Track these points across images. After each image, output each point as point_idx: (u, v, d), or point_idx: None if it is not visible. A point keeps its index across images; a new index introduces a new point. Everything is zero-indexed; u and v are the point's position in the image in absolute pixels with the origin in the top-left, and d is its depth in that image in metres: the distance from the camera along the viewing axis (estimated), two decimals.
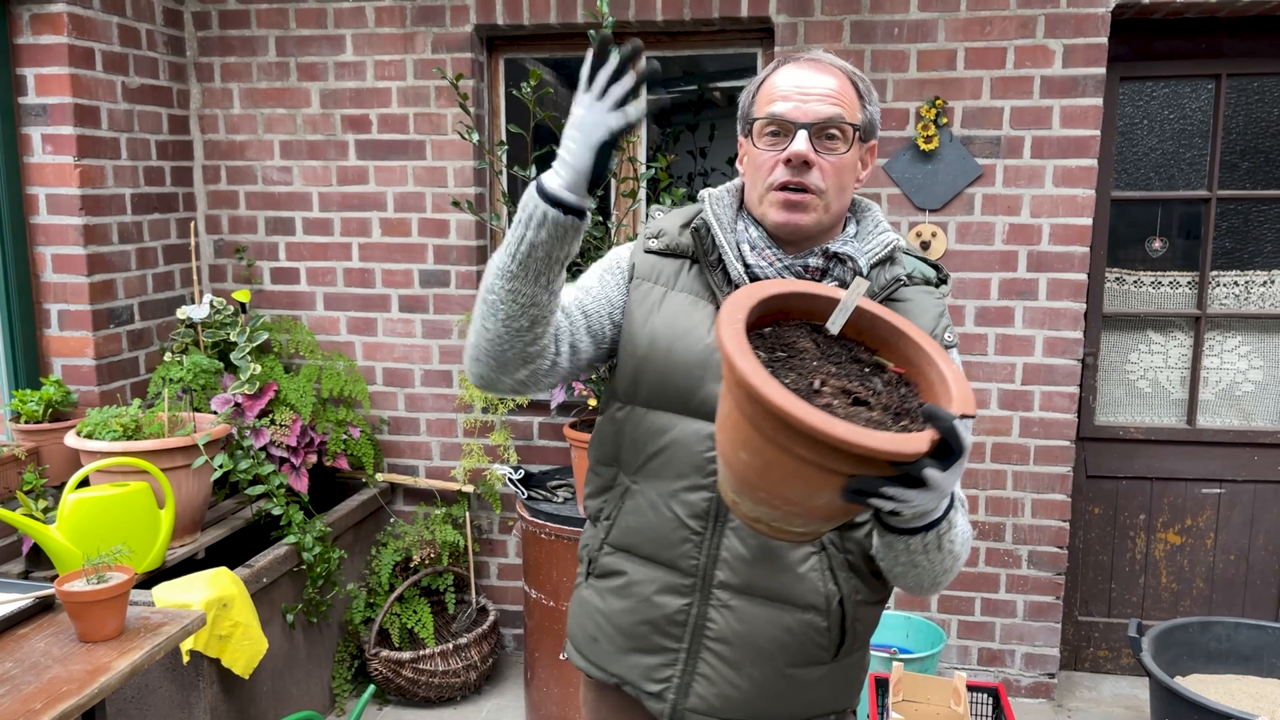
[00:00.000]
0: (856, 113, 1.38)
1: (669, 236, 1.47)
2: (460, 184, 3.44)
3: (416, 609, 3.37)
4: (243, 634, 2.57)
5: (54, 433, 2.93)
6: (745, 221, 1.44)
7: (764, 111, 1.38)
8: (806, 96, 1.35)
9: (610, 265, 1.50)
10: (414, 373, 3.60)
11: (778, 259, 1.39)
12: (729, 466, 1.11)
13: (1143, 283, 3.44)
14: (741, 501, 1.12)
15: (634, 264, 1.48)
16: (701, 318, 1.40)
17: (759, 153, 1.39)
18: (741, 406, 1.04)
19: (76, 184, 3.00)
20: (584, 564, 1.54)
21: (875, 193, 3.23)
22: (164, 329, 3.39)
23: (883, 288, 1.39)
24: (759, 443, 1.03)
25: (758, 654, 1.37)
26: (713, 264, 1.42)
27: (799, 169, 1.34)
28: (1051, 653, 3.39)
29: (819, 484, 1.03)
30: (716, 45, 3.41)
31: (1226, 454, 3.42)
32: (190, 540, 2.86)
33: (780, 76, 1.39)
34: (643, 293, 1.45)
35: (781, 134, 1.36)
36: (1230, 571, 3.49)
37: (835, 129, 1.35)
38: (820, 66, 1.38)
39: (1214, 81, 3.26)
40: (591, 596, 1.50)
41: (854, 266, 1.38)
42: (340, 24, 3.41)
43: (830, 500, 1.05)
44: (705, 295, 1.42)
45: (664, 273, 1.46)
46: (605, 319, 1.45)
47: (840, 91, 1.36)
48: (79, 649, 1.91)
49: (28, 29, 2.94)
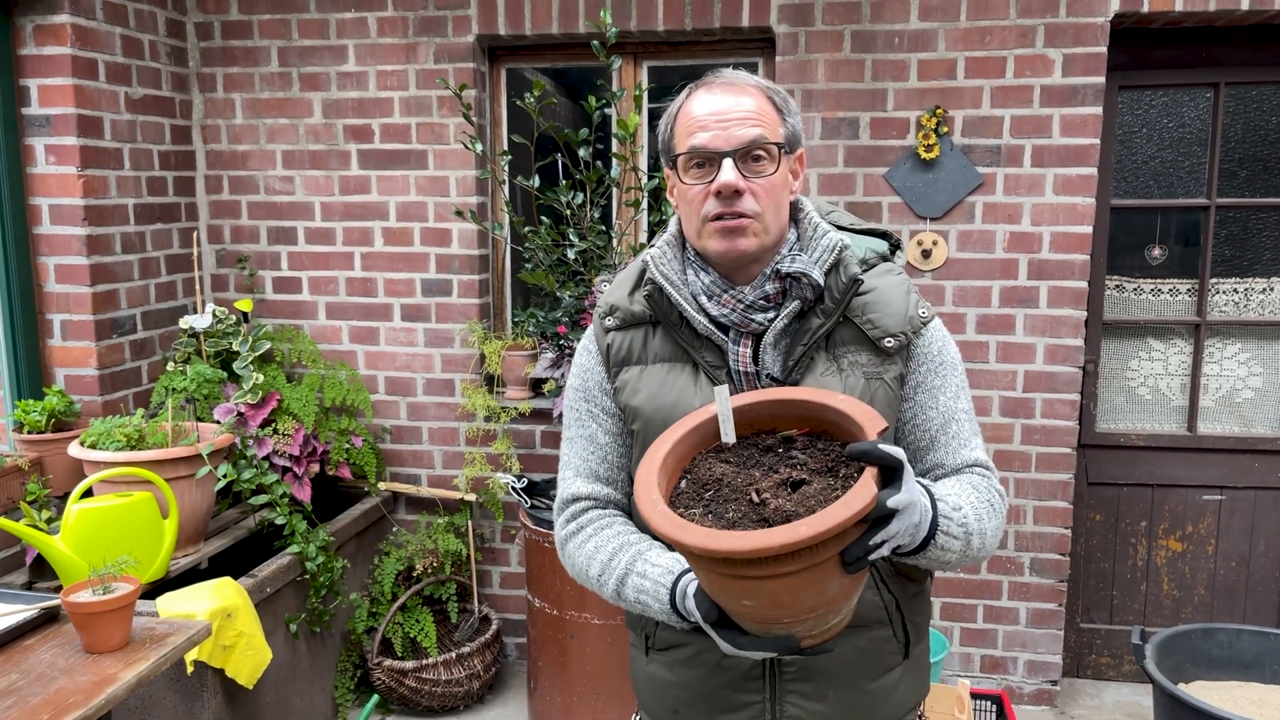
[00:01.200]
0: (778, 128, 1.36)
1: (623, 310, 1.46)
2: (462, 193, 3.45)
3: (419, 618, 3.36)
4: (247, 644, 2.57)
5: (57, 443, 2.93)
6: (694, 269, 1.41)
7: (685, 145, 1.35)
8: (726, 122, 1.32)
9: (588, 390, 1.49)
10: (416, 381, 3.60)
11: (737, 301, 1.36)
12: (747, 617, 1.12)
13: (1143, 290, 3.45)
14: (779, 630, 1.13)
15: (606, 350, 1.47)
16: (685, 382, 1.40)
17: (688, 187, 1.36)
18: (716, 570, 1.05)
19: (79, 194, 3.00)
20: (639, 636, 1.51)
21: (876, 201, 3.25)
22: (166, 339, 3.39)
23: (843, 293, 1.37)
24: (753, 586, 1.04)
25: (838, 681, 1.39)
26: (675, 323, 1.41)
27: (730, 199, 1.32)
28: (1054, 660, 3.39)
29: (821, 579, 1.04)
30: (718, 55, 3.42)
31: (1227, 461, 3.42)
32: (194, 550, 2.86)
33: (695, 105, 1.36)
34: (624, 379, 1.45)
35: (707, 165, 1.33)
36: (1231, 578, 3.49)
37: (760, 150, 1.32)
38: (734, 88, 1.35)
39: (1212, 90, 3.27)
40: (661, 672, 1.47)
41: (810, 281, 1.35)
42: (343, 34, 3.42)
43: (839, 581, 1.06)
44: (680, 357, 1.42)
45: (634, 348, 1.45)
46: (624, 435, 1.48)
47: (759, 111, 1.34)
48: (85, 660, 1.91)
49: (31, 40, 2.95)
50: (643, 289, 1.44)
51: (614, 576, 1.37)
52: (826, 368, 1.37)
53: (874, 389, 1.36)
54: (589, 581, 1.42)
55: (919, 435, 1.40)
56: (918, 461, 1.41)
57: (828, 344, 1.38)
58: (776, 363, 1.37)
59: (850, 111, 3.22)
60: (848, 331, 1.38)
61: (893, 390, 1.37)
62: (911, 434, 1.41)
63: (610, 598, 1.39)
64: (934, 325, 1.41)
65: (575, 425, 1.50)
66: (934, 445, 1.40)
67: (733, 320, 1.37)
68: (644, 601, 1.32)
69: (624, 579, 1.35)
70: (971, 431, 1.41)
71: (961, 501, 1.28)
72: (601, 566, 1.39)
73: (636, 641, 1.53)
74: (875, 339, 1.37)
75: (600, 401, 1.48)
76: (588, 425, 1.49)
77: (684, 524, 1.04)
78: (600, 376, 1.48)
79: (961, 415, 1.41)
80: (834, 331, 1.38)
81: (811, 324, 1.37)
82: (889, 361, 1.37)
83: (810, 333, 1.37)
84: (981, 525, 1.29)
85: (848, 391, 1.34)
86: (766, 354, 1.37)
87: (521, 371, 3.46)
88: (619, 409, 1.47)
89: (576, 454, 1.49)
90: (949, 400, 1.40)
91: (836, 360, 1.37)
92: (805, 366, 1.37)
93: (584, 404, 1.49)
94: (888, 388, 1.36)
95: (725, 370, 1.38)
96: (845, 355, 1.37)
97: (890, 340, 1.36)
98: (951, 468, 1.39)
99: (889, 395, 1.37)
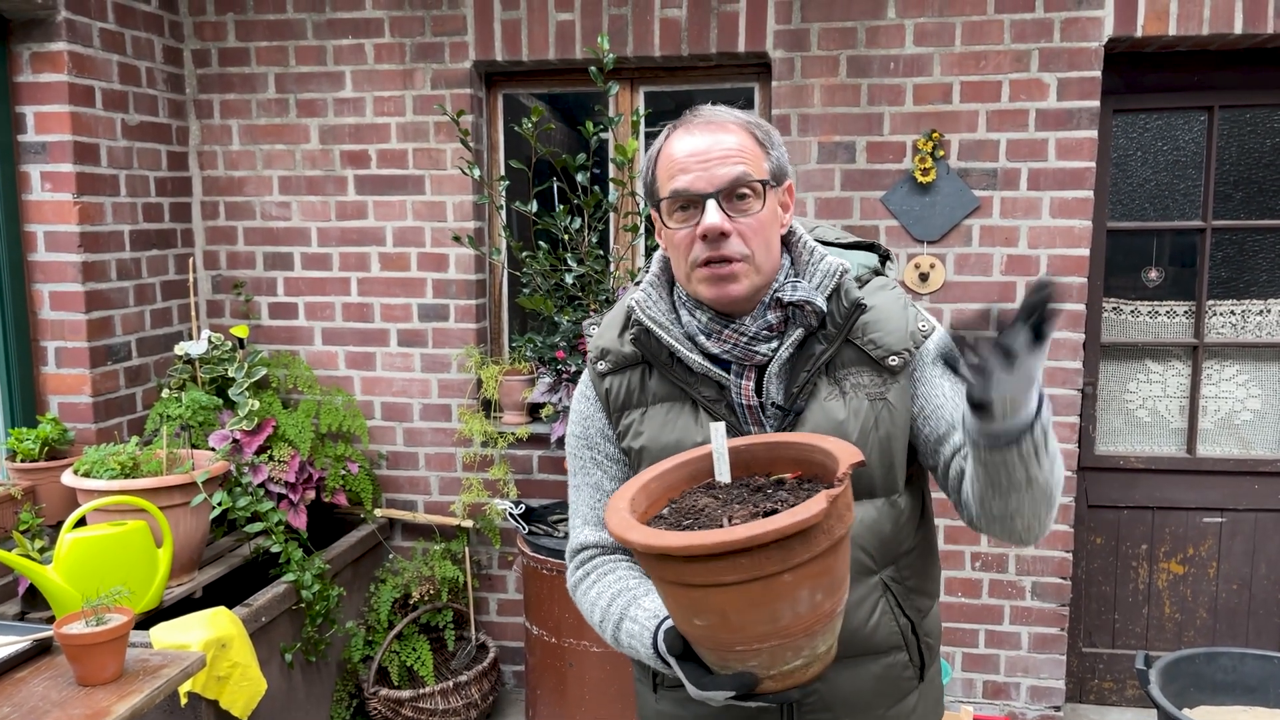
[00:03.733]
0: (762, 163, 1.32)
1: (614, 354, 1.43)
2: (459, 218, 3.44)
3: (416, 646, 3.33)
4: (241, 675, 2.53)
5: (50, 471, 2.90)
6: (686, 309, 1.38)
7: (667, 189, 1.32)
8: (707, 162, 1.29)
9: (590, 438, 1.47)
10: (413, 407, 3.58)
11: (739, 334, 1.33)
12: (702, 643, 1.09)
13: (1140, 312, 3.45)
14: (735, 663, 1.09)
15: (605, 395, 1.45)
16: (686, 420, 1.38)
17: (673, 231, 1.33)
18: (663, 576, 1.04)
19: (75, 221, 2.99)
20: (645, 673, 1.49)
21: (873, 225, 3.25)
22: (162, 365, 3.37)
23: (845, 318, 1.34)
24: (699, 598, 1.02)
25: (855, 709, 1.37)
26: (666, 363, 1.38)
27: (715, 242, 1.28)
28: (1057, 685, 3.36)
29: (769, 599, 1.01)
30: (714, 80, 3.43)
31: (1227, 483, 3.41)
32: (188, 579, 2.83)
33: (675, 146, 1.32)
34: (627, 423, 1.43)
35: (691, 207, 1.30)
36: (1233, 601, 3.47)
37: (744, 188, 1.29)
38: (712, 126, 1.32)
39: (1207, 113, 3.29)
40: (672, 709, 1.45)
41: (814, 309, 1.33)
42: (340, 61, 3.43)
43: (792, 608, 1.02)
44: (677, 395, 1.39)
45: (633, 390, 1.42)
46: None
47: (740, 147, 1.30)
48: (78, 693, 1.88)
49: (28, 67, 2.95)
50: (630, 330, 1.41)
51: (611, 622, 1.36)
52: (829, 392, 1.35)
53: (878, 410, 1.34)
54: (596, 628, 1.41)
55: (938, 422, 1.35)
56: (944, 444, 1.35)
57: (829, 368, 1.36)
58: (780, 392, 1.35)
59: (846, 136, 3.23)
60: (849, 353, 1.36)
61: (899, 407, 1.35)
62: (934, 423, 1.35)
63: (611, 643, 1.38)
64: (936, 334, 1.39)
65: (580, 473, 1.48)
66: (956, 425, 1.34)
67: (735, 355, 1.34)
68: (634, 646, 1.31)
69: (619, 624, 1.34)
70: None
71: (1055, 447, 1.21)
72: (602, 613, 1.38)
73: (642, 677, 1.50)
74: (879, 359, 1.34)
75: (603, 448, 1.46)
76: (592, 473, 1.47)
77: (633, 524, 1.05)
78: (602, 423, 1.46)
79: None
80: (836, 354, 1.36)
81: (814, 350, 1.35)
82: (892, 379, 1.35)
83: (814, 359, 1.34)
84: (1056, 485, 1.22)
85: (852, 415, 1.32)
86: (770, 384, 1.35)
87: (519, 396, 3.44)
88: (623, 453, 1.45)
89: (584, 502, 1.47)
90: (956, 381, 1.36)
91: (839, 384, 1.35)
92: (809, 393, 1.35)
93: (586, 451, 1.47)
94: (891, 407, 1.34)
95: (725, 404, 1.36)
96: (848, 378, 1.35)
97: (894, 359, 1.34)
98: None
99: (895, 413, 1.35)
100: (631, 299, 1.41)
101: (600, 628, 1.38)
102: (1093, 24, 3.07)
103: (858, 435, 1.32)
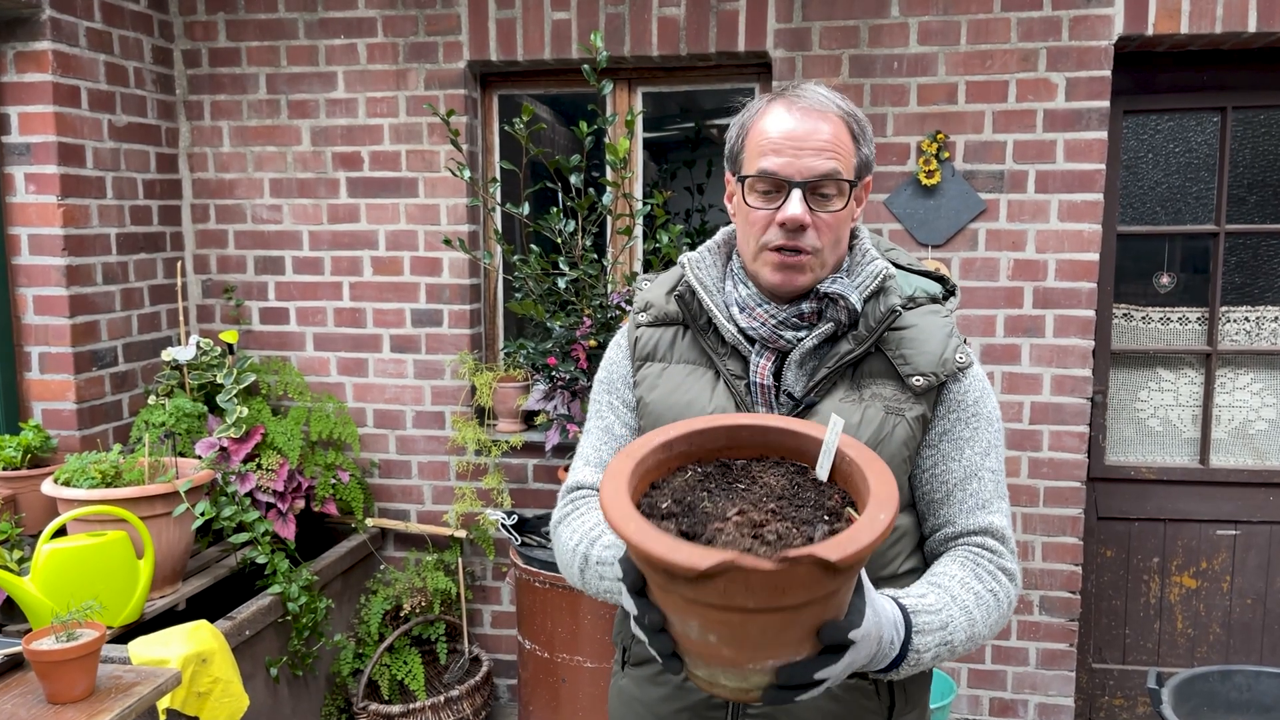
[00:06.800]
0: (851, 159, 1.31)
1: (657, 308, 1.45)
2: (453, 221, 3.37)
3: (407, 659, 3.25)
4: (223, 691, 2.46)
5: (32, 479, 2.84)
6: (734, 279, 1.39)
7: (755, 166, 1.30)
8: (800, 150, 1.27)
9: (611, 382, 1.47)
10: (405, 414, 3.51)
11: (770, 316, 1.33)
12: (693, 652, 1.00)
13: (1151, 319, 3.36)
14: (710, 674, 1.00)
15: (634, 343, 1.45)
16: (702, 387, 1.37)
17: (750, 209, 1.32)
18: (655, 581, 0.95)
19: (60, 224, 2.93)
20: (619, 650, 1.49)
21: (877, 228, 3.17)
22: (149, 371, 3.31)
23: (878, 322, 1.32)
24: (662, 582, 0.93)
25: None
26: (703, 328, 1.39)
27: (794, 233, 1.28)
28: (1066, 702, 3.27)
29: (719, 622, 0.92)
30: (713, 80, 3.36)
31: (1241, 494, 3.32)
32: (171, 591, 2.76)
33: (771, 123, 1.30)
34: (645, 374, 1.43)
35: (774, 191, 1.29)
36: (1247, 616, 3.38)
37: (831, 185, 1.28)
38: (813, 112, 1.29)
39: (1220, 114, 3.21)
40: (630, 687, 1.44)
41: (847, 305, 1.31)
42: (332, 61, 3.37)
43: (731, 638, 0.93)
44: (703, 362, 1.39)
45: (660, 345, 1.43)
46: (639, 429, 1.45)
47: (835, 140, 1.28)
48: (47, 711, 1.82)
49: (12, 67, 2.89)
50: (677, 288, 1.42)
51: (585, 545, 1.32)
52: (847, 394, 1.31)
53: (892, 424, 1.29)
54: (566, 566, 1.36)
55: (935, 487, 1.33)
56: (930, 515, 1.34)
57: (855, 372, 1.33)
58: (799, 382, 1.33)
59: None
60: (878, 363, 1.33)
61: (913, 429, 1.30)
62: (928, 484, 1.33)
63: (577, 576, 1.34)
64: (973, 373, 1.34)
65: (594, 417, 1.49)
66: (949, 500, 1.32)
67: (761, 334, 1.33)
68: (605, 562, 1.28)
69: (592, 545, 1.31)
70: (995, 493, 1.33)
71: (950, 604, 1.18)
72: (578, 539, 1.34)
73: (616, 659, 1.50)
74: (905, 375, 1.31)
75: (621, 394, 1.46)
76: (605, 416, 1.47)
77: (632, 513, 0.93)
78: (625, 370, 1.46)
79: (986, 474, 1.32)
80: (864, 361, 1.33)
81: (840, 348, 1.32)
82: (915, 401, 1.31)
83: (838, 357, 1.32)
84: (974, 630, 1.21)
85: (865, 423, 1.28)
86: (790, 372, 1.33)
87: (513, 404, 3.37)
88: (636, 401, 1.44)
89: (590, 444, 1.48)
90: (975, 455, 1.32)
91: (859, 389, 1.32)
92: (825, 390, 1.32)
93: (605, 395, 1.48)
94: (908, 426, 1.30)
95: (747, 383, 1.34)
96: (869, 386, 1.32)
97: (919, 379, 1.30)
98: (962, 529, 1.31)
99: (907, 433, 1.30)
100: (685, 255, 1.43)
101: (572, 554, 1.34)
102: (1102, 22, 2.99)
103: (866, 444, 1.26)
